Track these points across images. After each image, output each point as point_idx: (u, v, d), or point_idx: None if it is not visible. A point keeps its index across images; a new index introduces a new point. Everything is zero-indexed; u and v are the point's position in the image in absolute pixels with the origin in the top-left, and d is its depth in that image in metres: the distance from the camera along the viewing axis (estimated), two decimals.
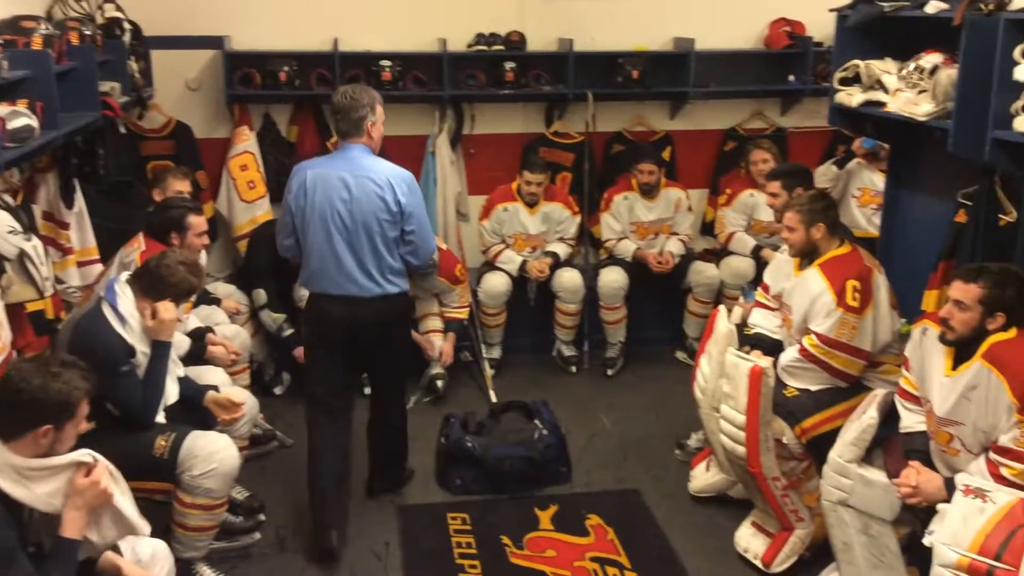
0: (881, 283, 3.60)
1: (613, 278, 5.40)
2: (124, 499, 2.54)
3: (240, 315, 4.69)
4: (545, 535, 3.85)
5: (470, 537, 3.81)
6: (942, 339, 2.92)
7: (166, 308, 3.23)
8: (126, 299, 3.22)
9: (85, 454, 2.42)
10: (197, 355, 3.82)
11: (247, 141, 5.40)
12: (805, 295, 3.62)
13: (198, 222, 3.87)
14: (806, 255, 3.70)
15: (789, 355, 3.65)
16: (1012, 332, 2.79)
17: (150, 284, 3.24)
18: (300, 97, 5.51)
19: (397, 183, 3.55)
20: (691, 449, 4.43)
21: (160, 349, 3.26)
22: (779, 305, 3.86)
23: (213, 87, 5.48)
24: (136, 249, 3.77)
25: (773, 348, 3.79)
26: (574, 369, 5.56)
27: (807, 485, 3.57)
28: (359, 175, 3.54)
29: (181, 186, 4.34)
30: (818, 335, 3.53)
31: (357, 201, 3.52)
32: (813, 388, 3.59)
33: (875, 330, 3.54)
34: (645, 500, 4.12)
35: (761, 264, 5.00)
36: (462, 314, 5.21)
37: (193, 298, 3.68)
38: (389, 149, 3.40)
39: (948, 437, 2.91)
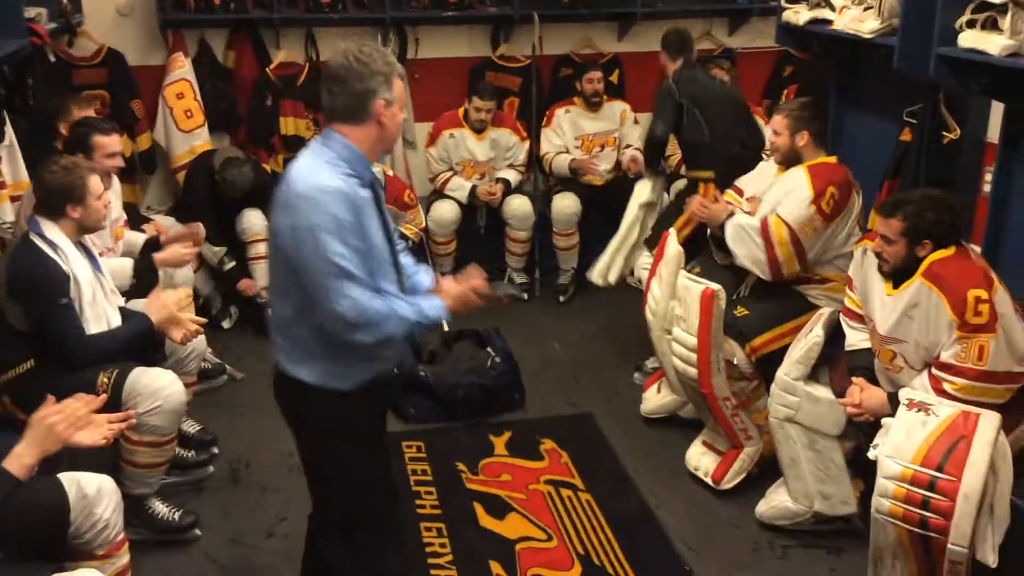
0: (856, 203, 3.55)
1: (567, 204, 5.37)
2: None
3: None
4: (500, 460, 3.88)
5: (425, 464, 3.83)
6: (880, 270, 2.95)
7: (177, 298, 3.39)
8: (51, 226, 3.12)
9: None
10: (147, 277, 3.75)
11: (183, 68, 5.23)
12: (783, 187, 3.58)
13: (105, 142, 3.67)
14: (790, 162, 3.65)
15: (747, 219, 3.60)
16: (951, 250, 2.82)
17: (47, 203, 3.14)
18: (237, 21, 5.33)
19: (290, 195, 2.25)
20: (648, 370, 4.48)
21: (145, 323, 3.25)
22: (750, 208, 3.82)
23: (145, 12, 5.30)
24: None
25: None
26: (526, 296, 5.55)
27: (756, 404, 3.63)
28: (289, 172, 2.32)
29: (86, 113, 4.16)
30: (786, 222, 3.45)
31: (274, 216, 2.32)
32: (736, 262, 3.60)
33: (829, 241, 3.52)
34: (598, 423, 4.17)
35: None
36: (410, 232, 5.13)
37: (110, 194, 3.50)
38: None
39: (891, 354, 2.96)
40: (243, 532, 3.41)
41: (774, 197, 3.60)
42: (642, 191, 4.69)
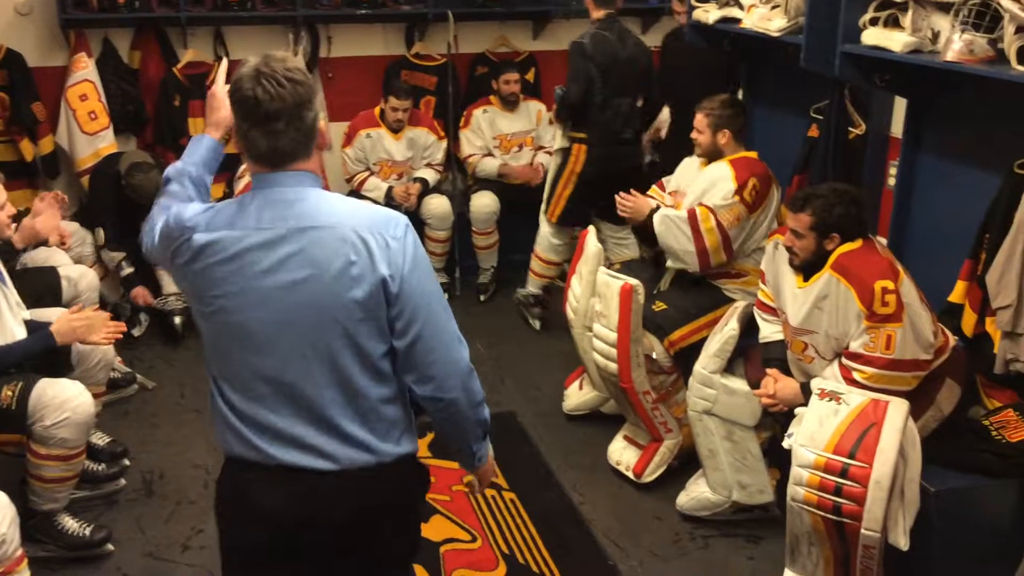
0: (775, 197, 3.62)
1: (485, 203, 5.36)
2: None
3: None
4: (423, 462, 3.84)
5: None
6: (791, 264, 3.01)
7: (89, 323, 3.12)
8: None
9: None
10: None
11: (86, 69, 5.06)
12: (707, 180, 3.62)
13: None
14: (712, 157, 3.70)
15: (673, 211, 3.65)
16: (858, 243, 2.90)
17: None
18: (142, 20, 5.18)
19: (374, 236, 1.86)
20: (529, 293, 5.04)
21: (48, 342, 3.07)
22: (673, 202, 3.85)
23: (46, 11, 5.11)
24: None
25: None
26: (446, 296, 5.52)
27: (675, 397, 3.68)
28: (309, 231, 1.82)
29: None
30: (712, 211, 3.51)
31: (304, 286, 1.81)
32: (665, 257, 3.71)
33: (750, 233, 3.58)
34: (520, 421, 4.16)
35: None
36: None
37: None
38: None
39: (803, 345, 3.02)
40: (158, 546, 3.31)
41: (698, 189, 3.65)
42: (557, 138, 4.80)
